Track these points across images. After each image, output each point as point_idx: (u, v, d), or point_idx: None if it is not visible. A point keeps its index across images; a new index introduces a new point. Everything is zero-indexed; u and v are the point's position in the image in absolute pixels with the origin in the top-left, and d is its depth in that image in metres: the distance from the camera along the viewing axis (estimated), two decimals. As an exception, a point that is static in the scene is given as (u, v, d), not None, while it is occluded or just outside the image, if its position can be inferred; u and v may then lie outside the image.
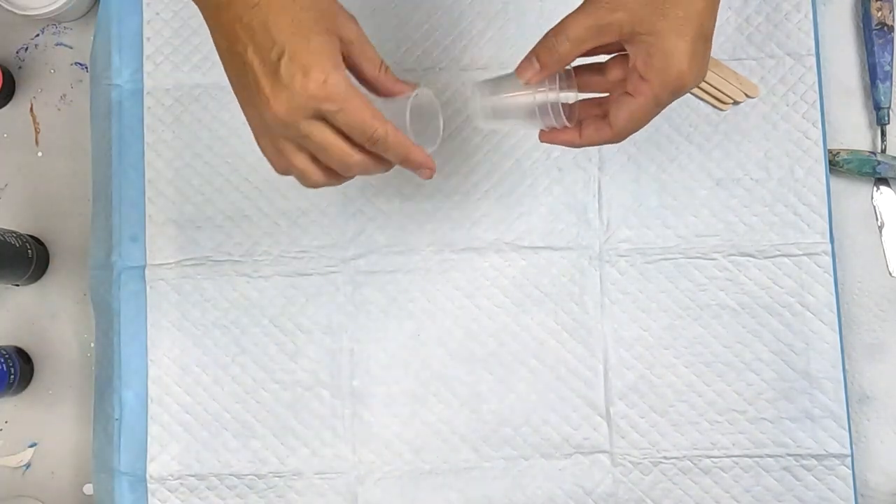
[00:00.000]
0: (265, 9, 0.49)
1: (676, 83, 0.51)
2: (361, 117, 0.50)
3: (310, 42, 0.49)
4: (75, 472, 0.76)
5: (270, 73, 0.49)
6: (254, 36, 0.49)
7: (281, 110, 0.49)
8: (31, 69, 0.80)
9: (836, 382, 0.70)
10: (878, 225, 0.75)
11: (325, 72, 0.49)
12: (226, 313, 0.74)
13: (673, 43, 0.50)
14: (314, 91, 0.48)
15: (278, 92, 0.49)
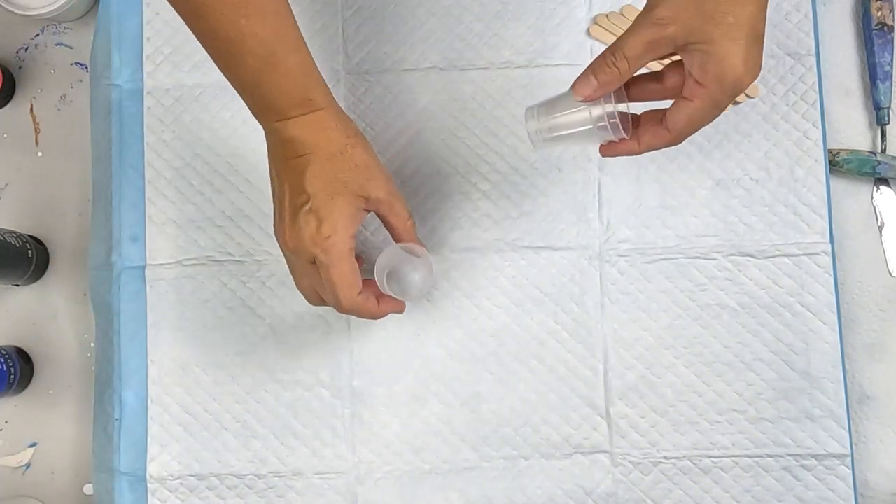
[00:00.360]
0: (308, 162, 0.58)
1: (733, 85, 0.52)
2: (339, 282, 0.58)
3: (333, 200, 0.58)
4: (75, 472, 0.76)
5: (292, 213, 0.59)
6: (291, 179, 0.59)
7: (289, 243, 0.59)
8: (31, 69, 0.80)
9: (836, 382, 0.70)
10: (878, 225, 0.75)
11: (333, 229, 0.58)
12: (226, 313, 0.74)
13: (727, 48, 0.51)
14: (318, 241, 0.58)
15: (292, 230, 0.59)
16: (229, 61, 0.58)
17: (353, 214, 0.59)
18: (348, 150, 0.59)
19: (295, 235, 0.58)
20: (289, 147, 0.59)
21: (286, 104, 0.58)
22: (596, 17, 0.75)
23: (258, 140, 0.75)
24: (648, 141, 0.57)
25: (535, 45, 0.75)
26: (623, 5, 0.75)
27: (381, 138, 0.75)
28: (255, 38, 0.56)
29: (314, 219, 0.58)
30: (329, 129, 0.59)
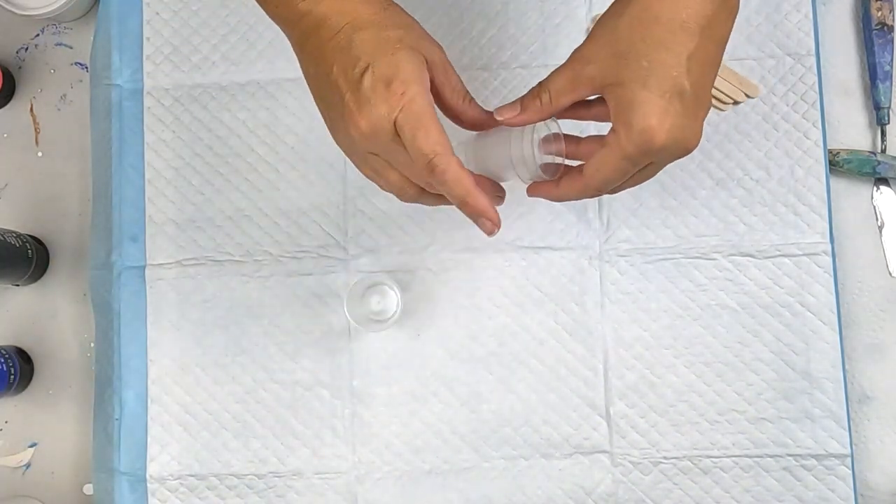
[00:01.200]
0: (352, 30, 0.49)
1: (642, 138, 0.47)
2: (425, 139, 0.48)
3: (394, 55, 0.48)
4: (75, 472, 0.76)
5: (354, 88, 0.48)
6: (338, 56, 0.49)
7: (364, 124, 0.48)
8: (31, 69, 0.80)
9: (836, 382, 0.70)
10: (878, 225, 0.75)
11: (405, 84, 0.48)
12: (226, 313, 0.74)
13: (637, 94, 0.47)
14: (393, 103, 0.48)
15: (362, 106, 0.48)
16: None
17: (421, 69, 0.49)
18: (389, 12, 0.51)
19: (366, 111, 0.48)
20: (324, 28, 0.50)
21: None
22: (596, 17, 0.75)
23: (258, 140, 0.75)
24: (565, 187, 0.53)
25: (535, 45, 0.75)
26: (623, 5, 0.75)
27: (381, 138, 0.74)
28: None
29: (380, 82, 0.48)
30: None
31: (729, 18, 0.49)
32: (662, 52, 0.47)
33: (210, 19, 0.76)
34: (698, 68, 0.47)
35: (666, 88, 0.47)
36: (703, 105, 0.49)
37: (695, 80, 0.47)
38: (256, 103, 0.75)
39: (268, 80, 0.76)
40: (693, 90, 0.47)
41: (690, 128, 0.48)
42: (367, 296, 0.73)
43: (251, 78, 0.76)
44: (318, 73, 0.51)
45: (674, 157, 0.49)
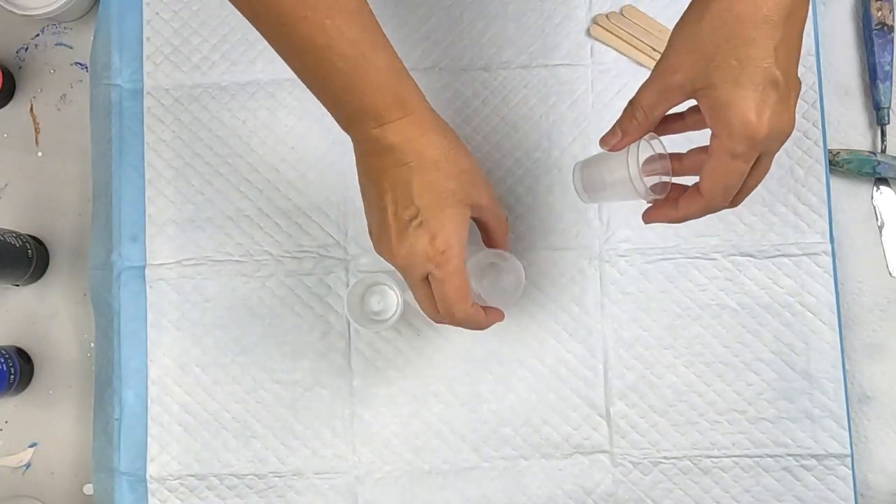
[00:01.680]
0: (412, 171, 0.54)
1: (744, 133, 0.49)
2: (454, 296, 0.55)
3: (443, 211, 0.54)
4: (75, 472, 0.76)
5: (400, 228, 0.55)
6: (394, 190, 0.55)
7: (399, 260, 0.55)
8: (31, 69, 0.80)
9: (836, 382, 0.70)
10: (878, 225, 0.75)
11: (447, 243, 0.54)
12: (226, 313, 0.74)
13: (731, 93, 0.49)
14: (432, 256, 0.54)
15: (402, 246, 0.55)
16: (318, 70, 0.54)
17: (463, 224, 0.56)
18: (451, 155, 0.56)
19: (406, 251, 0.55)
20: (389, 156, 0.55)
21: (381, 106, 0.54)
22: (596, 17, 0.75)
23: (258, 140, 0.75)
24: (685, 207, 0.55)
25: (535, 45, 0.75)
26: (623, 5, 0.75)
27: (381, 138, 0.75)
28: (342, 39, 0.53)
29: (426, 233, 0.54)
30: (429, 132, 0.55)
31: (806, 2, 0.50)
32: (750, 48, 0.48)
33: (210, 19, 0.76)
34: (786, 56, 0.49)
35: (758, 81, 0.48)
36: (794, 89, 0.50)
37: (784, 67, 0.48)
38: (256, 103, 0.75)
39: (268, 80, 0.76)
40: (784, 77, 0.48)
41: (787, 112, 0.49)
42: (367, 296, 0.73)
43: (251, 78, 0.76)
44: (371, 189, 0.56)
45: (778, 143, 0.50)
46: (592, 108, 0.74)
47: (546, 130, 0.74)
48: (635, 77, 0.74)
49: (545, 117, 0.74)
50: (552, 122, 0.74)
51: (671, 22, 0.74)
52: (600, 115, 0.74)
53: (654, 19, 0.74)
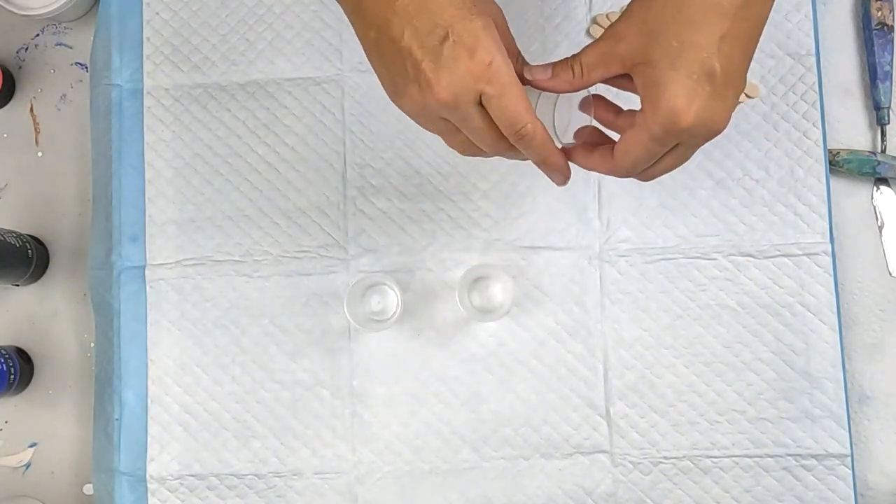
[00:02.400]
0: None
1: (669, 118, 0.47)
2: (515, 108, 0.49)
3: (473, 23, 0.48)
4: (75, 472, 0.76)
5: (433, 56, 0.47)
6: (411, 20, 0.48)
7: (444, 94, 0.48)
8: (31, 69, 0.80)
9: (836, 382, 0.70)
10: (878, 225, 0.75)
11: (490, 54, 0.48)
12: (226, 313, 0.74)
13: (665, 74, 0.47)
14: (480, 73, 0.47)
15: (442, 74, 0.47)
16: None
17: (497, 37, 0.49)
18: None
19: (448, 80, 0.47)
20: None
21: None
22: (596, 17, 0.75)
23: (258, 140, 0.75)
24: (595, 160, 0.53)
25: (535, 45, 0.75)
26: (623, 5, 0.75)
27: (381, 138, 0.75)
28: None
29: (464, 50, 0.47)
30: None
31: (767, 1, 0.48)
32: (693, 32, 0.46)
33: (210, 19, 0.77)
34: (731, 49, 0.47)
35: (694, 69, 0.47)
36: (734, 87, 0.48)
37: (727, 61, 0.47)
38: (256, 103, 0.76)
39: (268, 80, 0.76)
40: (724, 72, 0.47)
41: (719, 109, 0.48)
42: (367, 296, 0.73)
43: (251, 78, 0.76)
44: (380, 37, 0.49)
45: (702, 138, 0.49)
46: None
47: (546, 130, 0.74)
48: (635, 77, 0.74)
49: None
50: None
51: (671, 22, 0.74)
52: (600, 115, 0.74)
53: (654, 19, 0.74)
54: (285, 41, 0.76)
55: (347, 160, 0.75)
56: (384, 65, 0.50)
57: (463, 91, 0.48)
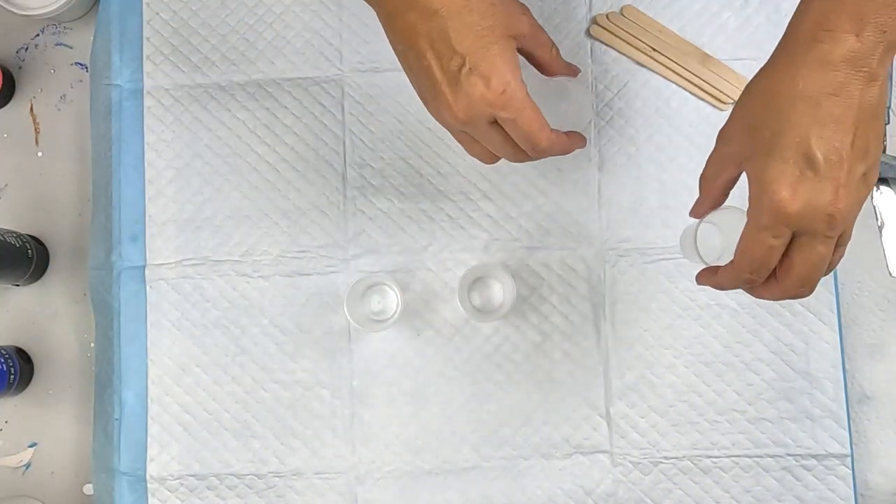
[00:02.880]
0: (444, 19, 0.51)
1: (773, 206, 0.48)
2: (531, 128, 0.53)
3: (489, 51, 0.52)
4: (75, 472, 0.76)
5: (451, 80, 0.52)
6: (433, 44, 0.52)
7: (461, 115, 0.53)
8: (31, 69, 0.80)
9: (836, 382, 0.70)
10: (878, 225, 0.75)
11: (504, 82, 0.52)
12: (226, 313, 0.74)
13: (764, 164, 0.48)
14: (493, 100, 0.52)
15: (459, 98, 0.52)
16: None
17: (513, 58, 0.53)
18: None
19: (465, 103, 0.52)
20: (415, 9, 0.52)
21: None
22: (596, 17, 0.75)
23: (258, 140, 0.75)
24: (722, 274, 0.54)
25: (535, 45, 0.75)
26: (623, 5, 0.75)
27: (380, 138, 0.75)
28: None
29: (479, 79, 0.51)
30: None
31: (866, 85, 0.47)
32: (785, 121, 0.47)
33: (210, 19, 0.77)
34: (830, 134, 0.47)
35: (789, 156, 0.47)
36: (843, 168, 0.47)
37: (827, 146, 0.47)
38: (256, 103, 0.76)
39: (268, 80, 0.76)
40: (826, 156, 0.47)
41: (829, 192, 0.47)
42: (367, 296, 0.73)
43: (251, 78, 0.76)
44: (408, 52, 0.53)
45: (822, 224, 0.48)
46: (593, 108, 0.74)
47: (546, 130, 0.74)
48: (635, 77, 0.74)
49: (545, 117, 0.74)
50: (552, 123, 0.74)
51: (671, 22, 0.75)
52: (600, 115, 0.74)
53: (654, 19, 0.74)
54: (285, 41, 0.76)
55: (347, 160, 0.75)
56: (412, 74, 0.55)
57: (478, 115, 0.52)
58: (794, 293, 0.51)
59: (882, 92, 0.48)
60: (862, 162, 0.48)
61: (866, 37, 0.46)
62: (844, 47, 0.46)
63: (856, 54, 0.46)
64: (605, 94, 0.74)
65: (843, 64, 0.47)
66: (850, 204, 0.48)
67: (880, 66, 0.47)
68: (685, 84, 0.74)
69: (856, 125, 0.47)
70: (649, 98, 0.74)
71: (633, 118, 0.74)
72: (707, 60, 0.74)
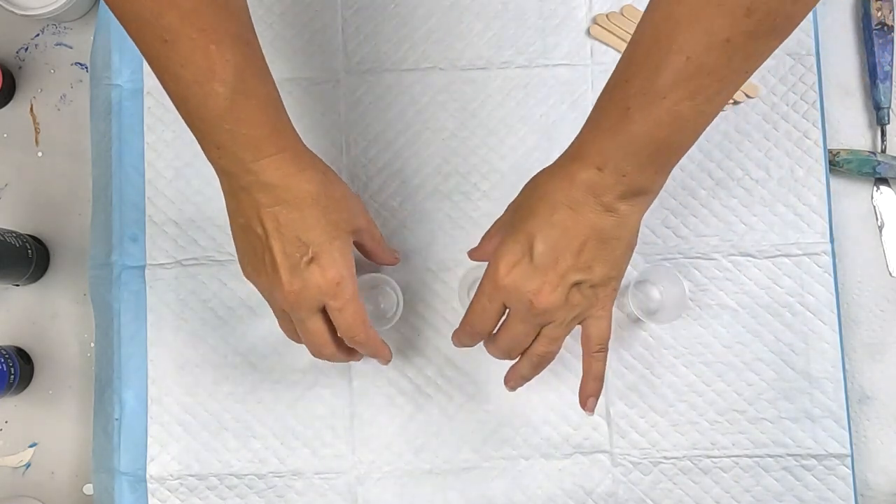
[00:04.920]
0: (294, 209, 0.55)
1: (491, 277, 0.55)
2: (354, 320, 0.57)
3: (332, 244, 0.56)
4: (75, 472, 0.76)
5: (291, 266, 0.55)
6: (280, 229, 0.55)
7: (291, 296, 0.56)
8: (31, 69, 0.80)
9: (836, 382, 0.70)
10: (878, 225, 0.75)
11: (340, 275, 0.56)
12: (226, 313, 0.74)
13: (503, 240, 0.55)
14: (326, 289, 0.55)
15: (294, 282, 0.55)
16: (196, 91, 0.52)
17: (350, 252, 0.58)
18: (328, 187, 0.57)
19: (299, 287, 0.55)
20: (268, 193, 0.54)
21: (259, 137, 0.54)
22: (596, 17, 0.75)
23: (258, 140, 0.75)
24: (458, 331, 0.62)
25: (535, 45, 0.75)
26: (623, 5, 0.75)
27: (381, 138, 0.75)
28: (225, 65, 0.51)
29: (317, 268, 0.55)
30: (306, 168, 0.56)
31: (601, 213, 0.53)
32: (528, 213, 0.54)
33: (210, 19, 0.76)
34: (555, 237, 0.53)
35: (520, 239, 0.54)
36: (555, 269, 0.53)
37: (549, 247, 0.53)
38: (256, 103, 0.75)
39: (268, 80, 0.76)
40: (543, 253, 0.53)
41: (534, 282, 0.54)
42: (368, 296, 0.73)
43: (251, 78, 0.76)
44: (250, 228, 0.56)
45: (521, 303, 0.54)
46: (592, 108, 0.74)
47: (546, 130, 0.74)
48: (635, 77, 0.74)
49: (545, 117, 0.74)
50: (552, 123, 0.74)
51: (671, 22, 0.74)
52: (600, 115, 0.74)
53: (654, 19, 0.74)
54: (285, 41, 0.76)
55: (347, 160, 0.75)
56: (246, 245, 0.57)
57: (308, 300, 0.56)
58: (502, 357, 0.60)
59: (620, 225, 0.53)
60: (578, 273, 0.54)
61: (605, 174, 0.52)
62: (586, 174, 0.52)
63: (594, 184, 0.52)
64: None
65: (582, 186, 0.52)
66: (553, 302, 0.54)
67: (620, 203, 0.52)
68: (685, 84, 0.74)
69: (583, 241, 0.53)
70: (649, 98, 0.74)
71: (633, 118, 0.74)
72: (707, 60, 0.74)
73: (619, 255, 0.54)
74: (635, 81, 0.50)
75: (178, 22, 0.50)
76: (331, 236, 0.56)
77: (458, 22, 0.76)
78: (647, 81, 0.49)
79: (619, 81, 0.51)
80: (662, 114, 0.49)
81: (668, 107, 0.49)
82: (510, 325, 0.57)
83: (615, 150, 0.51)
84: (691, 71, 0.47)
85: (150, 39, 0.52)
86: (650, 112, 0.49)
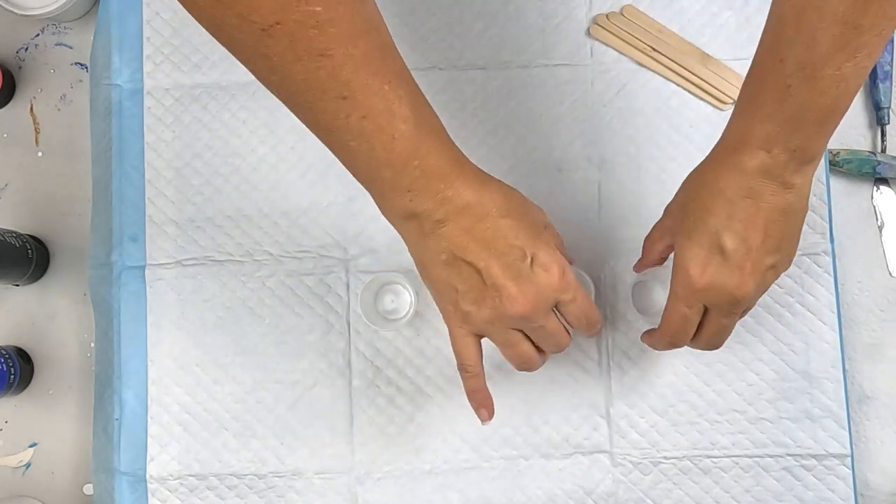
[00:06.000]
0: (498, 218, 0.53)
1: (683, 280, 0.55)
2: (588, 305, 0.57)
3: (541, 240, 0.55)
4: (75, 472, 0.76)
5: (514, 274, 0.53)
6: (489, 246, 0.53)
7: (528, 305, 0.54)
8: (31, 69, 0.80)
9: (836, 382, 0.70)
10: (878, 225, 0.75)
11: (561, 266, 0.55)
12: (226, 313, 0.74)
13: (684, 244, 0.55)
14: (557, 285, 0.54)
15: (526, 289, 0.53)
16: (382, 139, 0.50)
17: (557, 242, 0.59)
18: (506, 189, 0.55)
19: (533, 293, 0.53)
20: (468, 215, 0.52)
21: (445, 164, 0.52)
22: (596, 17, 0.75)
23: (258, 140, 0.75)
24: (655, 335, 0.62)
25: (535, 45, 0.75)
26: (623, 5, 0.75)
27: (381, 138, 0.74)
28: (400, 102, 0.49)
29: (541, 267, 0.54)
30: (485, 178, 0.54)
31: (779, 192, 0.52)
32: (704, 212, 0.54)
33: (210, 19, 0.76)
34: (740, 230, 0.53)
35: (704, 242, 0.54)
36: (749, 259, 0.54)
37: (738, 238, 0.53)
38: (256, 103, 0.76)
39: (268, 80, 0.76)
40: (734, 248, 0.53)
41: (735, 277, 0.54)
42: (381, 294, 0.73)
43: (251, 78, 0.75)
44: (456, 260, 0.53)
45: (721, 300, 0.55)
46: (592, 108, 0.74)
47: (546, 131, 0.74)
48: (635, 77, 0.74)
49: (545, 117, 0.74)
50: (552, 123, 0.74)
51: (671, 22, 0.75)
52: (600, 115, 0.74)
53: (654, 19, 0.74)
54: (285, 41, 0.76)
55: (347, 160, 0.75)
56: (457, 280, 0.54)
57: (543, 302, 0.54)
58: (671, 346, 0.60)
59: (799, 196, 0.53)
60: (771, 255, 0.54)
61: (776, 154, 0.51)
62: (756, 160, 0.52)
63: (767, 167, 0.52)
64: (605, 94, 0.74)
65: (755, 173, 0.52)
66: (754, 289, 0.55)
67: (795, 176, 0.52)
68: (685, 84, 0.74)
69: (766, 225, 0.53)
70: (649, 98, 0.74)
71: (633, 118, 0.74)
72: (707, 60, 0.74)
73: (800, 223, 0.55)
74: (790, 59, 0.49)
75: (354, 73, 0.48)
76: (534, 234, 0.55)
77: (458, 22, 0.76)
78: (805, 55, 0.49)
79: (769, 65, 0.51)
80: (826, 82, 0.49)
81: (831, 73, 0.49)
82: (713, 322, 0.58)
83: (780, 129, 0.51)
84: (849, 34, 0.47)
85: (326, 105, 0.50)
86: (814, 84, 0.49)
